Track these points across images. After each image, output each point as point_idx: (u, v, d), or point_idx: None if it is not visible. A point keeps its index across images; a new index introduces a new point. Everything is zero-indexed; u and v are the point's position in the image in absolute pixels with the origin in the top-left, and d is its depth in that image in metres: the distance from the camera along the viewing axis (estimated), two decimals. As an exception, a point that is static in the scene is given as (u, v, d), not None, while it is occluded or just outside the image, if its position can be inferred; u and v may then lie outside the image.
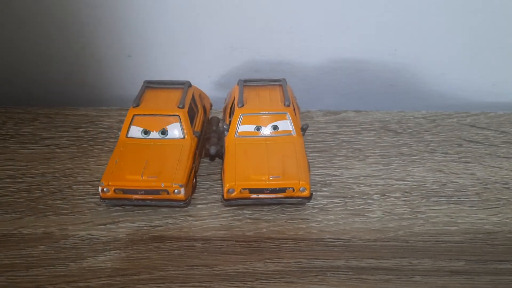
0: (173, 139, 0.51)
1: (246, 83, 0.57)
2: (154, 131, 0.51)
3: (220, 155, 0.52)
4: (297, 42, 0.65)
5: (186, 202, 0.47)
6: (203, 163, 0.54)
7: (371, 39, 0.65)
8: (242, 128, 0.52)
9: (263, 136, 0.52)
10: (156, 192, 0.47)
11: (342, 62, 0.67)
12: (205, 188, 0.52)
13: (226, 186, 0.47)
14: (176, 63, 0.67)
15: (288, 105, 0.52)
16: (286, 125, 0.52)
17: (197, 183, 0.52)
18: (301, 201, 0.48)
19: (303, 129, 0.52)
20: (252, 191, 0.47)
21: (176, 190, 0.46)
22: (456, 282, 0.41)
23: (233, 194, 0.47)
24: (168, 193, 0.46)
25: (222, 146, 0.52)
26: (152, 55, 0.66)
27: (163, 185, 0.46)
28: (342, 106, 0.65)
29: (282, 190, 0.47)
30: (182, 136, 0.51)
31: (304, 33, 0.64)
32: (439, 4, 0.61)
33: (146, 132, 0.51)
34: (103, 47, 0.65)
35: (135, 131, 0.52)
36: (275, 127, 0.52)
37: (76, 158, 0.56)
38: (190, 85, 0.57)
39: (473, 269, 0.42)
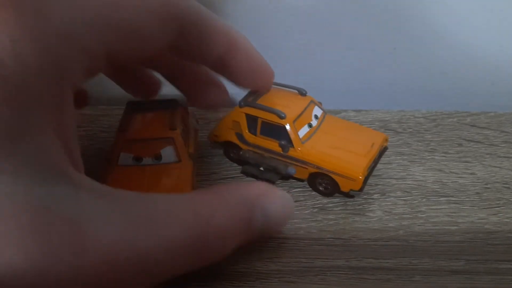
0: (168, 163, 0.46)
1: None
2: (147, 157, 0.46)
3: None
4: (296, 42, 0.65)
5: None
6: (203, 163, 0.54)
7: (370, 38, 0.64)
8: None
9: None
10: None
11: (342, 60, 0.67)
12: (205, 188, 0.52)
13: None
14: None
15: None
16: None
17: (197, 183, 0.52)
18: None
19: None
20: None
21: None
22: (456, 282, 0.41)
23: None
24: None
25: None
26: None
27: None
28: (342, 106, 0.65)
29: None
30: (177, 160, 0.46)
31: (303, 32, 0.64)
32: (438, 2, 0.61)
33: (138, 159, 0.46)
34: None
35: (126, 158, 0.46)
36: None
37: (76, 158, 0.55)
38: (178, 104, 0.51)
39: (473, 269, 0.42)
